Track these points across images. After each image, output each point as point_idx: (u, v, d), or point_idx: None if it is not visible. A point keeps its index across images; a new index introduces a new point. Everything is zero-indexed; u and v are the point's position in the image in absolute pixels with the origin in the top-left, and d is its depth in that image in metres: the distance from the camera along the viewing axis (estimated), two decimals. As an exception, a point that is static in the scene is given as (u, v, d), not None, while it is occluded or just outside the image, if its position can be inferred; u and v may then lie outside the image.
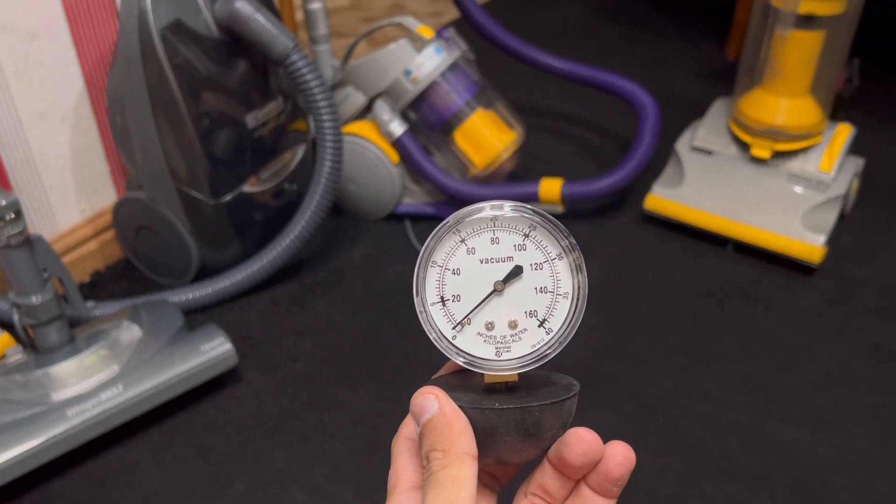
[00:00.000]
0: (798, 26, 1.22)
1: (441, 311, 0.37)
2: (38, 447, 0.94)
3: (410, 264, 1.31)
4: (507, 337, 0.37)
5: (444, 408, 0.35)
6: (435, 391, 0.35)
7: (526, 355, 0.37)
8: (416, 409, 0.35)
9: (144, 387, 1.01)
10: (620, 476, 0.35)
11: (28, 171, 1.18)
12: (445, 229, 0.37)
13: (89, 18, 1.16)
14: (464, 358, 0.37)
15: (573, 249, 0.37)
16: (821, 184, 1.27)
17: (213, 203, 1.19)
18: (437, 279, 0.37)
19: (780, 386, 1.10)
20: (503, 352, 0.37)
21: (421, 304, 0.37)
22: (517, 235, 0.37)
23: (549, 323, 0.37)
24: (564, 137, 1.63)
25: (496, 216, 0.37)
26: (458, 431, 0.34)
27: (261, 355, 1.15)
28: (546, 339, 0.37)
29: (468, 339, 0.37)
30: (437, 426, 0.34)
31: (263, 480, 0.99)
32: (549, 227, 0.37)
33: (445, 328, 0.37)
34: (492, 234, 0.37)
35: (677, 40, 1.95)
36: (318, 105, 1.15)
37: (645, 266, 1.31)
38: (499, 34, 1.47)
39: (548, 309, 0.37)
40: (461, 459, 0.34)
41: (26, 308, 1.00)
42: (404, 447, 0.37)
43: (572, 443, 0.35)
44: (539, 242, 0.37)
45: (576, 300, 0.37)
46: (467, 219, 0.37)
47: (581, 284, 0.37)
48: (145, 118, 1.13)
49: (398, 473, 0.36)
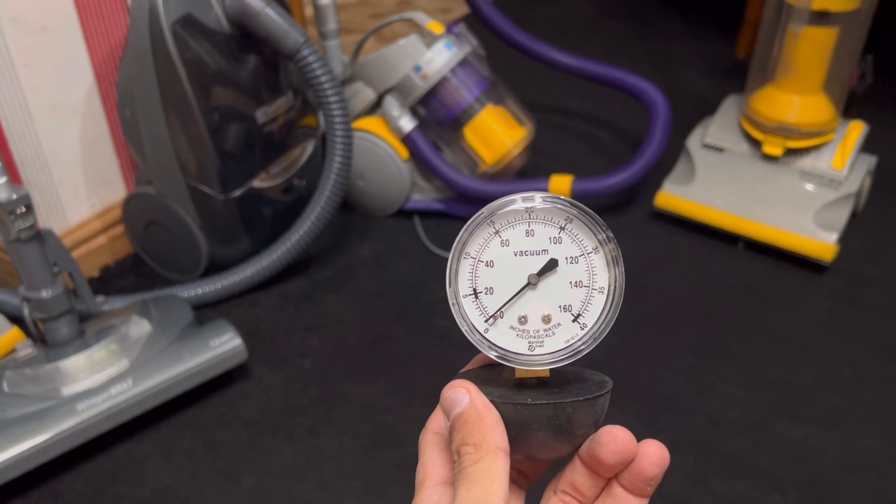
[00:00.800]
0: (811, 22, 1.21)
1: (473, 303, 0.37)
2: (48, 441, 0.94)
3: (419, 260, 1.31)
4: (540, 331, 0.36)
5: (475, 402, 0.34)
6: (466, 385, 0.35)
7: (559, 350, 0.36)
8: (446, 403, 0.35)
9: (154, 381, 1.01)
10: (654, 475, 0.34)
11: (38, 165, 1.18)
12: (479, 220, 0.36)
13: (100, 12, 1.16)
14: (496, 352, 0.36)
15: (610, 242, 0.36)
16: (833, 181, 1.26)
17: (223, 198, 1.19)
18: (470, 271, 0.37)
19: (791, 384, 1.09)
20: (536, 346, 0.36)
21: (453, 295, 0.37)
22: (553, 228, 0.36)
23: (584, 318, 0.36)
24: (574, 134, 1.62)
25: (531, 207, 0.36)
26: (489, 426, 0.34)
27: (270, 351, 1.15)
28: (580, 335, 0.36)
29: (501, 333, 0.37)
30: (468, 420, 0.34)
31: (272, 475, 0.98)
32: (585, 219, 0.36)
33: (478, 321, 0.37)
34: (527, 226, 0.36)
35: (687, 37, 1.94)
36: (328, 100, 1.15)
37: (655, 264, 1.31)
38: (509, 30, 1.46)
39: (583, 304, 0.36)
40: (493, 454, 0.33)
41: (36, 302, 1.00)
42: (432, 442, 0.36)
43: (606, 441, 0.34)
44: (575, 235, 0.36)
45: (612, 295, 0.36)
46: (502, 210, 0.36)
47: (617, 278, 0.36)
48: (155, 113, 1.13)
49: (426, 468, 0.35)
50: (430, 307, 1.22)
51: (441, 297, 1.22)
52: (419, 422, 1.12)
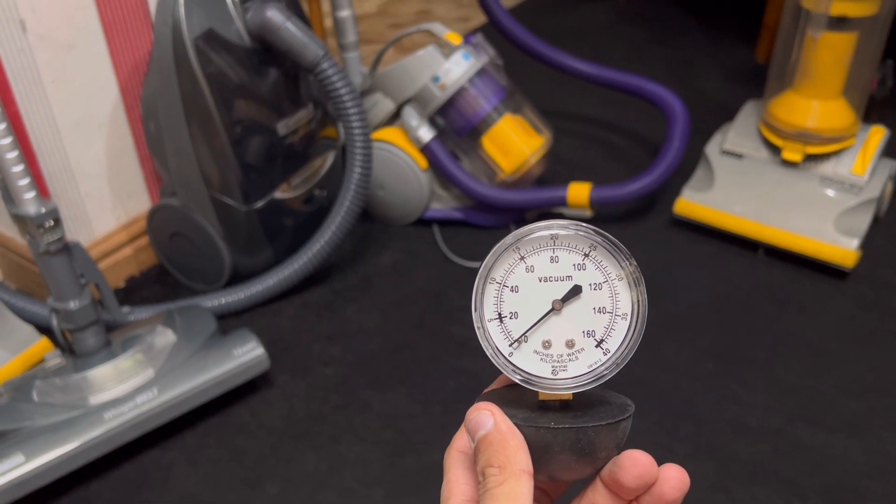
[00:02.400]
0: (830, 28, 1.21)
1: (498, 327, 0.37)
2: (77, 449, 0.96)
3: (438, 269, 1.32)
4: (563, 356, 0.37)
5: (499, 424, 0.35)
6: (490, 407, 0.36)
7: (582, 375, 0.37)
8: (470, 425, 0.36)
9: (179, 390, 1.02)
10: (675, 499, 0.35)
11: (65, 178, 1.20)
12: (505, 247, 0.37)
13: (124, 29, 1.19)
14: (520, 375, 0.37)
15: (633, 269, 0.37)
16: (854, 187, 1.25)
17: (246, 209, 1.21)
18: (495, 296, 0.37)
19: (811, 391, 1.09)
20: (559, 371, 0.37)
21: (479, 320, 0.37)
22: (577, 255, 0.37)
23: (607, 343, 0.37)
24: (593, 141, 1.63)
25: (556, 234, 0.37)
26: (513, 448, 0.34)
27: (292, 359, 1.17)
28: (603, 360, 0.37)
29: (525, 357, 0.37)
30: (492, 442, 0.35)
31: (295, 483, 1.00)
32: (609, 247, 0.37)
33: (502, 345, 0.37)
34: (551, 253, 0.37)
35: (705, 43, 1.94)
36: (347, 112, 1.16)
37: (674, 270, 1.31)
38: (526, 38, 1.47)
39: (606, 329, 0.37)
40: (517, 476, 0.34)
41: (64, 313, 1.02)
42: (457, 460, 0.37)
43: (627, 465, 0.35)
44: (599, 262, 0.37)
45: (635, 321, 0.37)
46: (527, 237, 0.37)
47: (640, 300, 0.37)
48: (179, 126, 1.15)
49: (451, 486, 0.36)
50: (449, 315, 1.23)
51: (460, 306, 1.24)
52: (439, 429, 1.13)
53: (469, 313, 0.38)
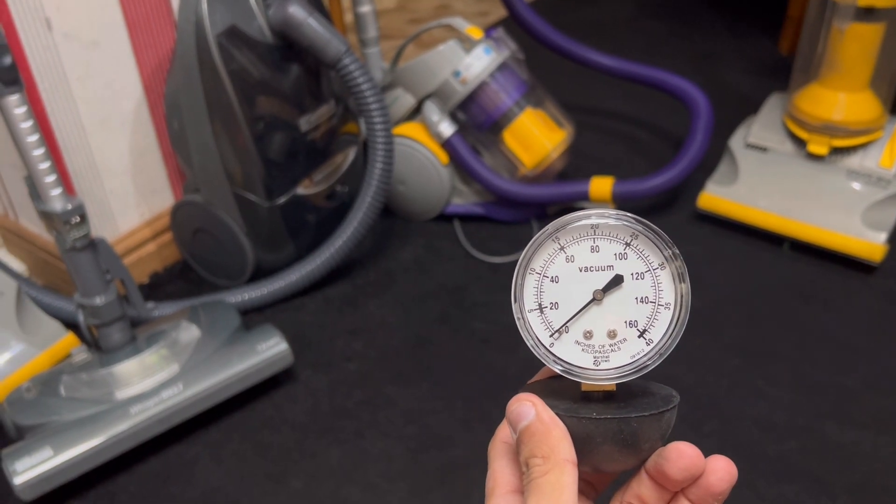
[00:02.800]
0: (857, 18, 1.19)
1: (539, 318, 0.37)
2: (103, 444, 0.97)
3: (460, 264, 1.32)
4: (605, 346, 0.37)
5: (541, 414, 0.35)
6: (531, 398, 0.35)
7: (625, 366, 0.37)
8: (512, 416, 0.35)
9: (203, 385, 1.03)
10: (723, 491, 0.35)
11: (91, 176, 1.21)
12: (545, 236, 0.37)
13: (148, 26, 1.20)
14: (561, 366, 0.37)
15: (676, 258, 0.36)
16: (881, 180, 1.24)
17: (268, 205, 1.21)
18: (535, 286, 0.37)
19: (839, 387, 1.07)
20: (601, 361, 0.37)
21: (519, 310, 0.37)
22: (618, 244, 0.37)
23: (650, 333, 0.37)
24: (615, 135, 1.62)
25: (597, 224, 0.36)
26: (556, 438, 0.34)
27: (315, 354, 1.17)
28: (646, 350, 0.37)
29: (566, 347, 0.37)
30: (535, 433, 0.34)
31: (319, 478, 1.00)
32: (651, 235, 0.36)
33: (543, 335, 0.37)
34: (592, 243, 0.37)
35: (728, 35, 1.92)
36: (369, 107, 1.16)
37: (699, 265, 1.29)
38: (547, 32, 1.46)
39: (648, 319, 0.37)
40: (561, 466, 0.34)
41: (91, 309, 1.03)
42: (501, 451, 0.37)
43: (673, 458, 0.34)
44: (641, 251, 0.36)
45: (678, 311, 0.37)
46: (567, 226, 0.37)
47: (684, 294, 0.36)
48: (202, 123, 1.15)
49: (496, 476, 0.36)
50: (471, 310, 1.23)
51: (482, 301, 1.24)
52: (462, 424, 1.13)
53: (490, 309, 0.38)
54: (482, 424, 1.05)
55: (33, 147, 0.94)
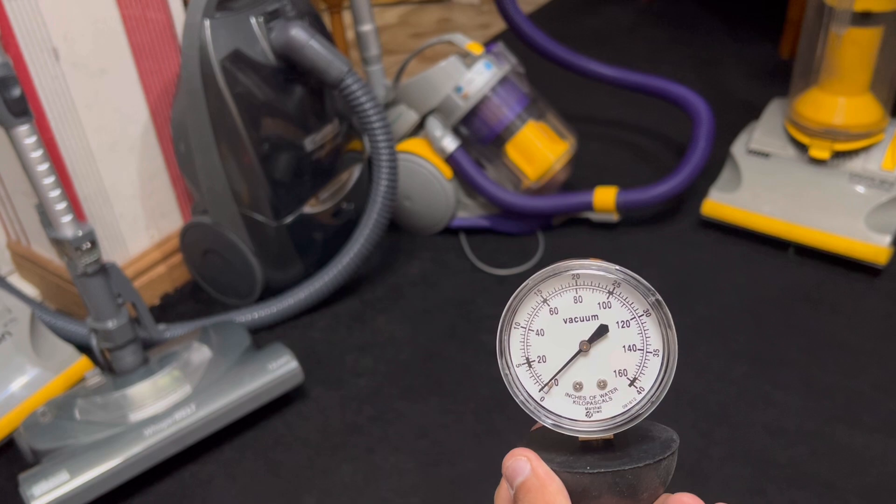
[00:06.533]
0: (854, 24, 1.20)
1: (527, 372, 0.37)
2: (119, 466, 0.98)
3: (467, 277, 1.33)
4: (596, 397, 0.36)
5: (536, 470, 0.35)
6: (526, 453, 0.35)
7: (618, 416, 0.36)
8: (508, 472, 0.36)
9: (216, 406, 1.04)
10: None
11: (100, 201, 1.23)
12: (527, 290, 0.36)
13: (153, 53, 1.22)
14: (552, 420, 0.37)
15: (660, 306, 0.36)
16: (884, 183, 1.24)
17: (276, 225, 1.23)
18: (521, 340, 0.37)
19: (848, 391, 1.07)
20: (594, 412, 0.36)
21: (506, 366, 0.37)
22: (601, 293, 0.36)
23: (641, 382, 0.36)
24: (617, 145, 1.62)
25: (577, 274, 0.36)
26: (552, 494, 0.34)
27: (325, 371, 1.18)
28: (638, 399, 0.36)
29: (556, 400, 0.37)
30: (531, 489, 0.35)
31: (332, 494, 1.01)
32: (633, 282, 0.36)
33: (532, 389, 0.37)
34: (574, 293, 0.36)
35: (728, 41, 1.93)
36: (372, 125, 1.18)
37: (704, 272, 1.30)
38: (546, 44, 1.48)
39: (638, 367, 0.36)
40: None
41: (103, 332, 1.05)
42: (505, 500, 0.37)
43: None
44: (624, 299, 0.36)
45: (666, 357, 0.36)
46: (548, 278, 0.36)
47: (671, 341, 0.36)
48: (208, 145, 1.17)
49: None
50: (478, 324, 1.24)
51: (489, 314, 1.24)
52: (473, 438, 1.13)
53: (498, 322, 0.38)
54: (492, 438, 1.06)
55: (43, 176, 0.96)
